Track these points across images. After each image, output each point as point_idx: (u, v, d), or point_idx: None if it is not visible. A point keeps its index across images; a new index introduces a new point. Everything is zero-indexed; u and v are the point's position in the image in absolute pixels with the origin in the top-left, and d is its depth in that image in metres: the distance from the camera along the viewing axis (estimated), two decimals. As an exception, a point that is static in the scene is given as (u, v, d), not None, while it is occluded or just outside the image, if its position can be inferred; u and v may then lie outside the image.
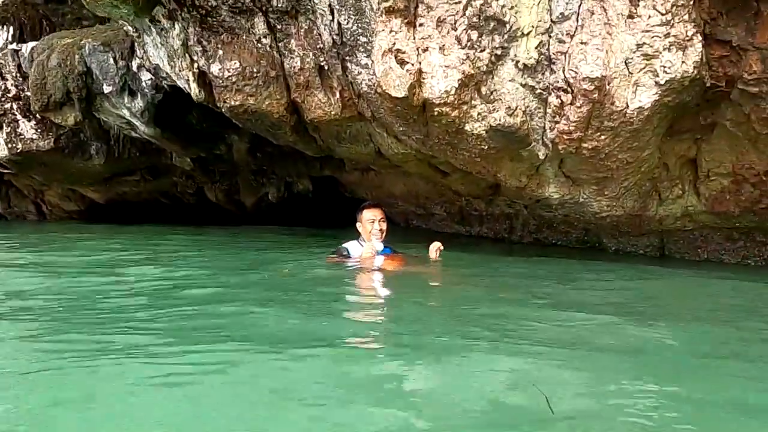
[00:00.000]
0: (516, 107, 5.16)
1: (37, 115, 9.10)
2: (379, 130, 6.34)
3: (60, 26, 10.54)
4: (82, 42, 8.06)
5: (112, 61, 7.93)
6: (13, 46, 9.33)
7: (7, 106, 9.37)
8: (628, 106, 5.06)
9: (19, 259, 5.78)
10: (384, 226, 4.90)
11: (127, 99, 8.22)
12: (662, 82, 4.93)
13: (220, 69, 5.89)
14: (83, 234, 9.12)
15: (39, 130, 9.33)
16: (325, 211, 13.08)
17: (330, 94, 5.97)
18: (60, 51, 8.15)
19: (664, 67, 4.91)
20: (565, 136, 5.19)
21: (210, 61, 5.98)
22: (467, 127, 5.40)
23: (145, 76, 7.96)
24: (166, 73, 7.23)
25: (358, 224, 4.97)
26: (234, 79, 5.88)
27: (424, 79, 5.20)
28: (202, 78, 6.31)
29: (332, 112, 6.03)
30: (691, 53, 4.85)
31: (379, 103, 5.58)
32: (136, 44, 7.61)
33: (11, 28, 10.25)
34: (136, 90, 8.12)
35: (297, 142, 6.86)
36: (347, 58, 5.64)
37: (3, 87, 9.45)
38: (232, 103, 6.01)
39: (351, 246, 5.05)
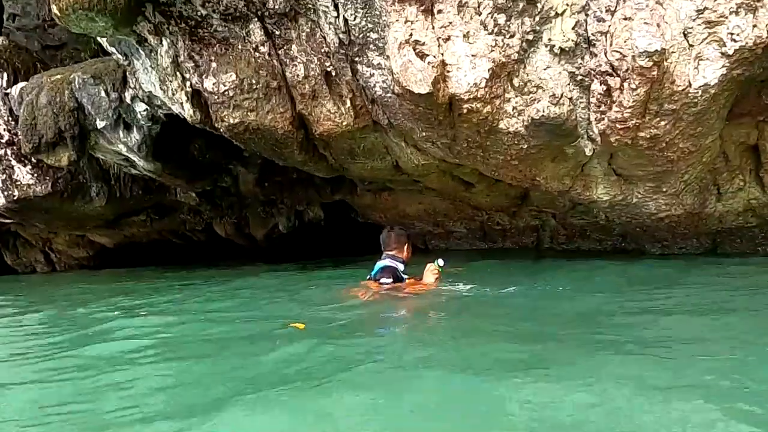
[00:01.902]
0: (561, 95, 4.19)
1: (33, 159, 8.20)
2: (396, 140, 5.38)
3: (56, 70, 9.72)
4: (72, 76, 7.18)
5: (103, 93, 7.03)
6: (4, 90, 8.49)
7: (1, 152, 8.49)
8: (690, 85, 4.07)
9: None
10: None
11: (122, 133, 7.30)
12: (730, 52, 3.95)
13: (214, 83, 4.96)
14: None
15: (35, 175, 8.42)
16: (339, 239, 12.09)
17: (340, 103, 5.02)
18: (49, 88, 7.27)
19: (732, 34, 3.94)
20: (619, 126, 4.20)
21: (203, 77, 5.06)
22: (501, 125, 4.42)
23: (140, 107, 7.05)
24: (161, 101, 6.32)
25: (405, 248, 4.41)
26: (231, 94, 4.94)
27: (448, 72, 4.25)
28: (197, 97, 5.39)
29: (343, 123, 5.07)
30: (764, 15, 3.89)
31: (398, 106, 4.62)
32: (127, 73, 6.72)
33: (5, 74, 9.41)
34: (131, 123, 7.21)
35: (306, 163, 5.89)
36: (357, 59, 4.71)
37: (-4, 133, 8.58)
38: (231, 120, 5.07)
39: (395, 264, 4.31)
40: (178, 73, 5.26)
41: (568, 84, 4.20)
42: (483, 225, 8.88)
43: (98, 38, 5.66)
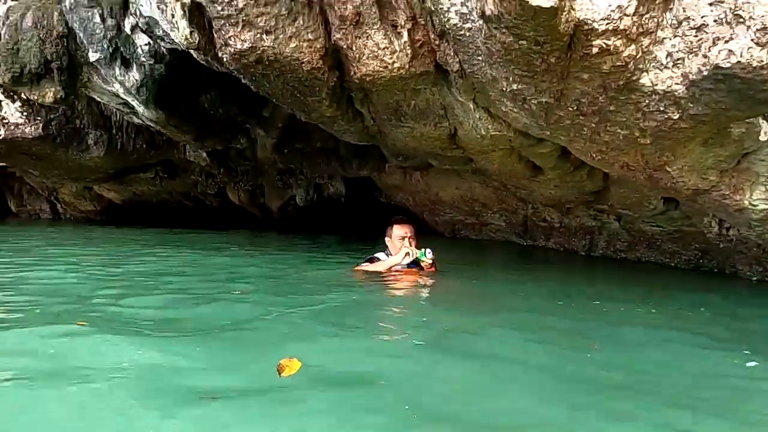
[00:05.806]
0: (776, 28, 2.35)
1: (23, 95, 6.47)
2: (463, 98, 3.56)
3: None
4: (63, -5, 5.41)
5: (98, 18, 5.25)
6: (-1, 13, 6.71)
7: (-11, 84, 6.76)
8: None
9: None
10: (414, 243, 3.66)
11: (119, 70, 5.54)
12: None
13: (219, -11, 3.17)
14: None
15: (25, 114, 6.65)
16: (360, 219, 10.34)
17: (393, 35, 3.21)
18: (36, 8, 5.51)
19: None
20: None
21: (206, -19, 3.26)
22: (645, 79, 2.59)
23: (141, 40, 5.26)
24: (162, 29, 4.53)
25: (387, 239, 3.80)
26: (240, 5, 3.14)
27: (579, -17, 2.43)
28: (198, 15, 3.60)
29: (395, 65, 3.26)
30: None
31: (482, 40, 2.80)
32: (126, -6, 4.94)
33: None
34: (130, 58, 5.44)
35: (336, 119, 4.09)
36: (427, -32, 2.89)
37: (-15, 62, 6.84)
38: (239, 45, 3.28)
39: (379, 255, 3.80)
40: (174, -24, 3.47)
41: (782, 15, 2.35)
42: (526, 220, 7.08)
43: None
